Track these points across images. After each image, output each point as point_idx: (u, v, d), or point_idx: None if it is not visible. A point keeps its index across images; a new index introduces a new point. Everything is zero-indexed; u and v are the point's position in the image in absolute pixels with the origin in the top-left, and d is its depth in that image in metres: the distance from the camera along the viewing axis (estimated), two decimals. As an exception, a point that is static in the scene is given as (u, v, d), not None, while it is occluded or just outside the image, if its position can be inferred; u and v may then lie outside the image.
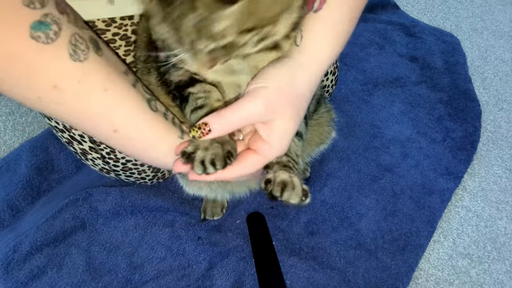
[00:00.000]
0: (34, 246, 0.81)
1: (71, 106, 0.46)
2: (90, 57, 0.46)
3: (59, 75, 0.44)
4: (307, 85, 0.48)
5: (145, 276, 0.79)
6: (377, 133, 1.08)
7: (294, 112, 0.47)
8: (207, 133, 0.45)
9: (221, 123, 0.45)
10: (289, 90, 0.47)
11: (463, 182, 1.01)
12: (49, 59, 0.43)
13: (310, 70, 0.48)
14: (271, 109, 0.46)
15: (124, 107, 0.49)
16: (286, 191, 0.48)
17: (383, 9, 1.48)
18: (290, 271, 0.81)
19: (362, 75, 1.23)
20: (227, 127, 0.45)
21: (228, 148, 0.47)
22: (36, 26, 0.41)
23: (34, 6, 0.41)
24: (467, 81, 1.23)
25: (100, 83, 0.47)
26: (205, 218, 0.88)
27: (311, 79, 0.49)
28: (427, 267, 0.87)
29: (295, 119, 0.48)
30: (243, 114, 0.45)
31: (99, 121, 0.49)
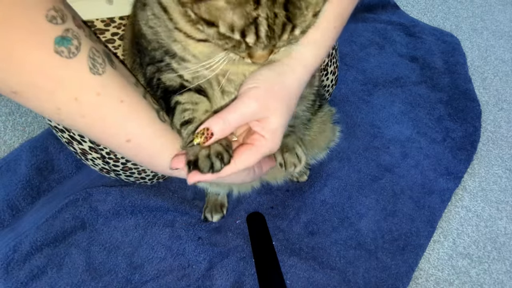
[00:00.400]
0: (34, 246, 0.81)
1: (90, 117, 0.48)
2: (107, 70, 0.48)
3: (80, 88, 0.46)
4: (296, 85, 0.51)
5: (145, 276, 0.79)
6: (377, 133, 1.08)
7: (285, 109, 0.50)
8: (210, 137, 0.47)
9: (221, 125, 0.47)
10: (280, 89, 0.49)
11: (463, 182, 1.01)
12: (71, 73, 0.45)
13: (297, 72, 0.51)
14: (264, 107, 0.48)
15: (137, 118, 0.51)
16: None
17: (383, 9, 1.48)
18: (290, 271, 0.81)
19: (362, 75, 1.23)
20: (227, 128, 0.47)
21: (224, 143, 0.49)
22: (59, 41, 0.43)
23: (57, 21, 0.43)
24: (467, 81, 1.23)
25: (116, 95, 0.49)
26: (206, 218, 0.88)
27: (300, 80, 0.52)
28: (427, 267, 0.87)
29: (287, 115, 0.51)
30: (239, 114, 0.48)
31: (114, 131, 0.50)
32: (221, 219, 0.88)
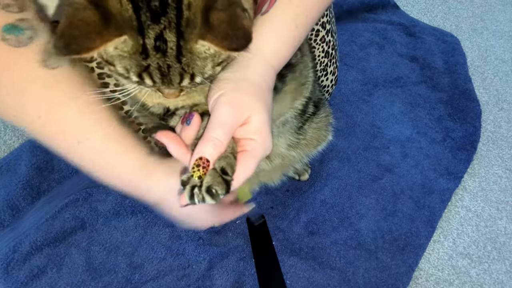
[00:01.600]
0: (34, 246, 0.81)
1: (36, 109, 0.47)
2: (64, 66, 0.47)
3: (26, 79, 0.45)
4: (260, 78, 0.48)
5: (145, 276, 0.79)
6: (377, 133, 1.08)
7: (262, 103, 0.46)
8: (208, 165, 0.43)
9: (212, 146, 0.43)
10: (248, 86, 0.46)
11: (463, 182, 1.01)
12: (16, 62, 0.44)
13: (258, 68, 0.48)
14: (241, 107, 0.45)
15: (92, 117, 0.49)
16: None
17: (383, 9, 1.48)
18: (290, 271, 0.81)
19: (362, 75, 1.23)
20: (218, 146, 0.43)
21: (222, 164, 0.45)
22: (8, 29, 0.43)
23: (11, 10, 0.43)
24: (467, 81, 1.23)
25: (69, 91, 0.47)
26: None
27: (262, 73, 0.48)
28: (427, 267, 0.87)
29: (266, 110, 0.47)
30: (223, 127, 0.44)
31: (63, 130, 0.48)
32: (223, 224, 0.88)
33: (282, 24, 0.50)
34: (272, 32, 0.49)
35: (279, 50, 0.50)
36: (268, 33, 0.49)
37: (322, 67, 0.88)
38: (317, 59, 0.86)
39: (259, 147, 0.46)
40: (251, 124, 0.45)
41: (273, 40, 0.49)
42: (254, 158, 0.46)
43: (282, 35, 0.50)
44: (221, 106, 0.44)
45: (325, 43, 0.85)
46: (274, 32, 0.49)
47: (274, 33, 0.49)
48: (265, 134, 0.46)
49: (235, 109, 0.44)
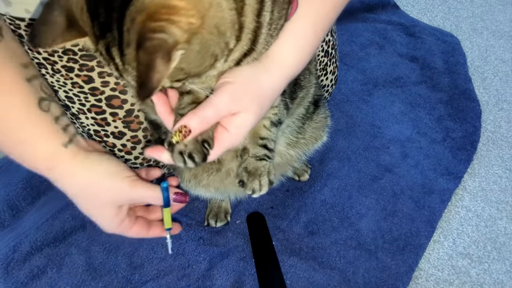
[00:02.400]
0: (34, 246, 0.81)
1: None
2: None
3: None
4: (270, 86, 0.51)
5: (145, 276, 0.79)
6: (377, 133, 1.08)
7: (258, 108, 0.49)
8: (188, 134, 0.47)
9: (198, 121, 0.46)
10: (254, 87, 0.49)
11: (463, 182, 1.01)
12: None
13: (274, 74, 0.51)
14: (236, 101, 0.48)
15: (7, 96, 0.48)
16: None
17: (383, 9, 1.48)
18: (290, 271, 0.81)
19: (362, 75, 1.23)
20: (203, 124, 0.47)
21: (204, 137, 0.49)
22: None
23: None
24: (467, 81, 1.23)
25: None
26: (209, 224, 0.88)
27: (275, 82, 0.51)
28: (427, 267, 0.87)
29: (258, 114, 0.50)
30: (214, 109, 0.47)
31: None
32: (225, 225, 0.88)
33: (302, 32, 0.51)
34: (292, 41, 0.51)
35: (297, 59, 0.53)
36: (289, 42, 0.50)
37: (322, 66, 0.88)
38: (317, 58, 0.86)
39: (228, 140, 0.49)
40: (236, 118, 0.48)
41: (292, 49, 0.51)
42: (219, 148, 0.49)
43: (301, 43, 0.52)
44: (224, 93, 0.47)
45: (324, 43, 0.85)
46: (294, 41, 0.51)
47: (294, 42, 0.51)
48: (241, 132, 0.50)
49: (233, 101, 0.47)
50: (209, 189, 0.74)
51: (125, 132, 0.73)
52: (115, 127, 0.72)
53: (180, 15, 0.36)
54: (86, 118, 0.70)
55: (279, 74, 0.51)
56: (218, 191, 0.75)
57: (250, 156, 0.59)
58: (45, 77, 0.69)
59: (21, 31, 0.62)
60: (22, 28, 0.61)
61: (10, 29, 0.60)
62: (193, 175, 0.71)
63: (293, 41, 0.51)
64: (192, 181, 0.73)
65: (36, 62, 0.66)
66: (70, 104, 0.69)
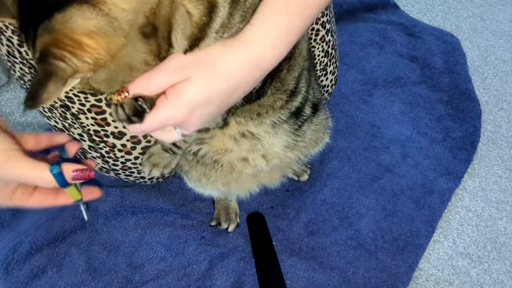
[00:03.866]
0: (34, 246, 0.81)
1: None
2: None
3: None
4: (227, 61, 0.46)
5: (145, 276, 0.79)
6: (377, 133, 1.08)
7: (206, 81, 0.45)
8: (125, 97, 0.45)
9: (138, 86, 0.44)
10: (206, 60, 0.45)
11: (463, 182, 1.01)
12: None
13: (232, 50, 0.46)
14: (180, 67, 0.44)
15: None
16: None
17: (383, 9, 1.48)
18: (290, 271, 0.81)
19: (362, 75, 1.23)
20: (144, 89, 0.44)
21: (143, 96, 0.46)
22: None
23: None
24: (467, 81, 1.23)
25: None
26: (220, 226, 0.87)
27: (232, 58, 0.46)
28: (427, 267, 0.87)
29: (205, 88, 0.45)
30: (157, 73, 0.44)
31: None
32: (236, 228, 0.87)
33: (271, 13, 0.47)
34: (259, 21, 0.46)
35: (264, 39, 0.47)
36: (255, 22, 0.46)
37: (322, 66, 0.88)
38: (317, 58, 0.86)
39: (164, 107, 0.45)
40: (178, 86, 0.45)
41: (261, 31, 0.47)
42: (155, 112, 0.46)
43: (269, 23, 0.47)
44: (169, 60, 0.44)
45: (325, 43, 0.85)
46: (260, 22, 0.46)
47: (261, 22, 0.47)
48: (180, 103, 0.45)
49: (177, 69, 0.44)
50: (217, 185, 0.73)
51: (125, 132, 0.73)
52: (115, 127, 0.72)
53: (84, 51, 0.35)
54: (86, 118, 0.70)
55: (240, 50, 0.46)
56: (224, 187, 0.75)
57: (159, 143, 0.58)
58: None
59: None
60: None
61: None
62: (202, 173, 0.71)
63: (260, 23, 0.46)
64: (203, 179, 0.72)
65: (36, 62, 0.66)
66: (70, 104, 0.69)
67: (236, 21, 0.45)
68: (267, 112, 0.62)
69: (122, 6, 0.35)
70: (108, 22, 0.35)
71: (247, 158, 0.69)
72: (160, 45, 0.42)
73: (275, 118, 0.63)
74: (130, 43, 0.38)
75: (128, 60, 0.40)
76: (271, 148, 0.68)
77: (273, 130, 0.65)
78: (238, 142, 0.66)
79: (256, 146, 0.66)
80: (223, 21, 0.44)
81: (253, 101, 0.58)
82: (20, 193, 0.49)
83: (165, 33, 0.41)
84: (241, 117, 0.62)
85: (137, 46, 0.39)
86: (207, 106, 0.47)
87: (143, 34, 0.39)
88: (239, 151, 0.67)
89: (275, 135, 0.66)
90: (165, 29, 0.41)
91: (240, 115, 0.61)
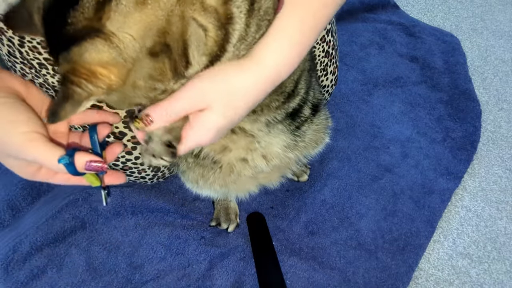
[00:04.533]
0: (34, 246, 0.81)
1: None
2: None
3: None
4: (243, 85, 0.48)
5: (145, 276, 0.79)
6: (377, 133, 1.08)
7: (225, 107, 0.47)
8: (149, 124, 0.46)
9: (161, 114, 0.46)
10: (223, 85, 0.46)
11: (463, 182, 1.01)
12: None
13: (248, 73, 0.48)
14: (202, 97, 0.46)
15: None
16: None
17: (383, 9, 1.48)
18: (290, 271, 0.81)
19: (362, 75, 1.23)
20: (166, 116, 0.46)
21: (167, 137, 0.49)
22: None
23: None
24: (467, 81, 1.23)
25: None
26: (220, 226, 0.87)
27: (249, 82, 0.48)
28: (427, 267, 0.87)
29: (226, 114, 0.48)
30: (178, 102, 0.46)
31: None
32: (236, 228, 0.88)
33: (286, 31, 0.48)
34: (274, 41, 0.48)
35: (280, 60, 0.49)
36: (269, 42, 0.47)
37: (322, 67, 0.88)
38: (317, 59, 0.86)
39: (191, 136, 0.48)
40: (201, 115, 0.47)
41: (273, 49, 0.48)
42: (184, 143, 0.48)
43: (285, 43, 0.49)
44: (190, 89, 0.45)
45: (325, 43, 0.85)
46: (275, 41, 0.48)
47: (276, 42, 0.48)
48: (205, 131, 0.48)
49: (198, 97, 0.46)
50: (215, 187, 0.73)
51: (125, 132, 0.73)
52: (115, 127, 0.72)
53: (97, 79, 0.38)
54: None
55: (256, 74, 0.48)
56: (222, 189, 0.75)
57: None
58: (45, 78, 0.69)
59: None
60: None
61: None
62: (200, 174, 0.71)
63: (275, 41, 0.48)
64: (200, 181, 0.72)
65: (37, 63, 0.66)
66: None
67: (252, 31, 0.45)
68: (262, 110, 0.61)
69: (130, 34, 0.38)
70: (118, 53, 0.38)
71: (246, 159, 0.69)
72: (176, 62, 0.42)
73: (270, 117, 0.63)
74: (138, 65, 0.40)
75: (133, 80, 0.41)
76: (270, 148, 0.68)
77: (267, 129, 0.65)
78: (231, 138, 0.65)
79: (252, 144, 0.66)
80: (241, 34, 0.44)
81: None
82: (45, 172, 0.51)
83: (179, 50, 0.42)
84: None
85: (143, 66, 0.41)
86: (228, 125, 0.50)
87: (151, 54, 0.40)
88: (236, 149, 0.67)
89: (269, 134, 0.66)
90: (179, 46, 0.41)
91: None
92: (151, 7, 0.38)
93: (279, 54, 0.49)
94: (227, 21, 0.42)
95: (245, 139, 0.65)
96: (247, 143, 0.66)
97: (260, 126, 0.64)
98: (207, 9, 0.40)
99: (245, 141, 0.65)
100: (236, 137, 0.65)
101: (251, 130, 0.64)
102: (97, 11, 0.37)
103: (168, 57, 0.41)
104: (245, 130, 0.64)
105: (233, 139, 0.65)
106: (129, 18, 0.38)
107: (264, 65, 0.48)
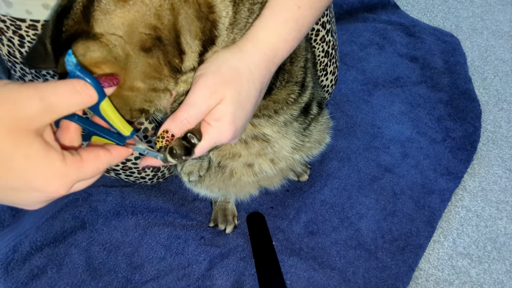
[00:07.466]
0: (34, 246, 0.81)
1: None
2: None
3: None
4: (245, 65, 0.47)
5: (145, 276, 0.79)
6: (377, 133, 1.08)
7: (235, 94, 0.47)
8: (171, 139, 0.46)
9: (177, 125, 0.45)
10: (227, 72, 0.46)
11: (463, 182, 1.01)
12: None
13: (247, 52, 0.48)
14: (212, 94, 0.46)
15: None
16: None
17: (383, 9, 1.48)
18: (290, 271, 0.81)
19: (362, 75, 1.23)
20: (184, 125, 0.46)
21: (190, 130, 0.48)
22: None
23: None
24: (467, 81, 1.23)
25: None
26: (218, 227, 0.87)
27: (250, 60, 0.48)
28: (427, 267, 0.87)
29: (237, 100, 0.47)
30: (191, 108, 0.45)
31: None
32: (234, 230, 0.88)
33: (281, 7, 0.48)
34: (269, 17, 0.48)
35: (276, 35, 0.49)
36: (265, 18, 0.47)
37: (322, 67, 0.88)
38: (317, 58, 0.86)
39: (212, 133, 0.47)
40: (215, 111, 0.46)
41: (268, 25, 0.48)
42: (206, 141, 0.47)
43: (281, 18, 0.48)
44: (198, 89, 0.45)
45: (325, 43, 0.85)
46: (271, 17, 0.48)
47: (271, 18, 0.48)
48: (222, 124, 0.47)
49: (209, 94, 0.45)
50: (213, 189, 0.73)
51: None
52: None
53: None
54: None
55: (254, 51, 0.48)
56: (220, 191, 0.75)
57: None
58: (46, 78, 0.69)
59: (22, 32, 0.62)
60: (23, 29, 0.62)
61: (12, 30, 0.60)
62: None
63: (268, 20, 0.48)
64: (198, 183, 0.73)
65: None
66: None
67: (243, 16, 0.46)
68: (282, 108, 0.62)
69: (116, 33, 0.39)
70: (108, 52, 0.39)
71: (252, 164, 0.69)
72: (169, 54, 0.42)
73: (288, 115, 0.63)
74: (132, 63, 0.41)
75: (131, 81, 0.42)
76: (279, 152, 0.68)
77: (284, 130, 0.65)
78: (248, 146, 0.65)
79: (265, 149, 0.66)
80: (230, 19, 0.45)
81: (265, 97, 0.58)
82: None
83: (171, 40, 0.42)
84: (261, 118, 0.61)
85: (137, 63, 0.41)
86: (244, 115, 0.49)
87: (144, 50, 0.41)
88: (247, 156, 0.67)
89: (285, 136, 0.67)
90: (171, 36, 0.42)
91: (259, 115, 0.61)
92: (133, 3, 0.39)
93: (275, 32, 0.48)
94: (209, 10, 0.44)
95: (260, 145, 0.66)
96: (259, 149, 0.66)
97: (278, 128, 0.64)
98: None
99: (259, 146, 0.66)
100: (253, 143, 0.65)
101: (270, 134, 0.64)
102: (84, 15, 0.39)
103: (161, 50, 0.42)
104: (265, 134, 0.64)
105: (249, 146, 0.66)
106: (112, 16, 0.39)
107: (261, 43, 0.48)
